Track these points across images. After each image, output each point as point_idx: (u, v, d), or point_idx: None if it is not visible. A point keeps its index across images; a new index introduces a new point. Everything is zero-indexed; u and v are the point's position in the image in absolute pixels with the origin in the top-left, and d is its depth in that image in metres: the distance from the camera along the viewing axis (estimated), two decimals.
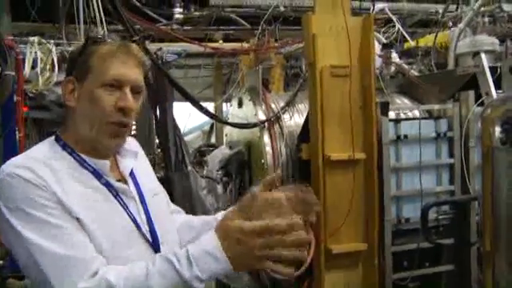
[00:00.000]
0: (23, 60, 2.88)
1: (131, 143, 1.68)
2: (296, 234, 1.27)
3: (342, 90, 3.44)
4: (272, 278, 3.87)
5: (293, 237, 1.26)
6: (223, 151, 4.07)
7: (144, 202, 1.55)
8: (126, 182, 1.55)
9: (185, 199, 3.61)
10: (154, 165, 3.79)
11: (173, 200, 3.68)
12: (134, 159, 1.62)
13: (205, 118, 5.97)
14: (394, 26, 4.90)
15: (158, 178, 3.75)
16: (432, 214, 3.44)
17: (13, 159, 1.42)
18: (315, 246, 3.53)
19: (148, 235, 1.50)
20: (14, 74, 2.66)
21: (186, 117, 5.18)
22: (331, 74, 3.42)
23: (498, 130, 2.04)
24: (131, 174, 1.58)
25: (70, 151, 1.47)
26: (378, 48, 4.22)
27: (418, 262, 3.67)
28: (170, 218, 1.72)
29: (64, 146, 1.48)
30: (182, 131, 4.98)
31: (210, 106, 5.43)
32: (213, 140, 5.88)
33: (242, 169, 4.01)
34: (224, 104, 5.56)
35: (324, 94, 3.42)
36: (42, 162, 1.40)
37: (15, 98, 2.77)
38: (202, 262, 1.27)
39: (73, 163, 1.46)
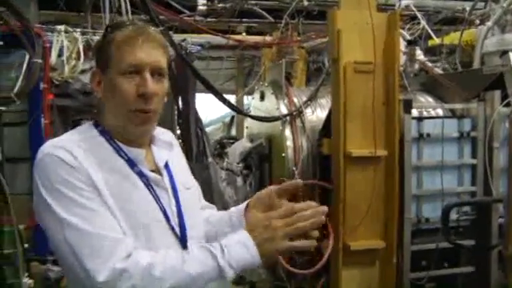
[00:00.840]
0: (50, 48, 2.90)
1: (166, 134, 1.66)
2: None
3: (366, 87, 3.42)
4: (288, 271, 3.84)
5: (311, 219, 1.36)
6: (244, 144, 4.07)
7: (176, 194, 1.53)
8: (160, 173, 1.54)
9: (204, 190, 3.60)
10: None
11: None
12: (169, 150, 1.61)
13: (226, 110, 5.98)
14: (419, 23, 4.83)
15: None
16: (452, 215, 3.40)
17: (53, 140, 1.44)
18: (333, 242, 3.51)
19: (177, 228, 1.49)
20: (41, 61, 2.69)
21: (208, 108, 5.18)
22: (355, 70, 3.41)
23: None
24: (166, 165, 1.57)
25: (108, 138, 1.47)
26: (402, 45, 4.17)
27: (437, 263, 3.64)
28: (199, 213, 1.71)
29: (102, 132, 1.48)
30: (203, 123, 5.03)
31: (231, 99, 5.43)
32: (233, 132, 5.88)
33: (263, 162, 4.01)
34: (245, 96, 5.55)
35: (347, 89, 3.41)
36: (79, 145, 1.42)
37: (41, 86, 2.81)
38: (234, 250, 1.31)
39: (108, 149, 1.46)
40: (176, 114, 3.76)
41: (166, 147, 1.61)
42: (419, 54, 4.18)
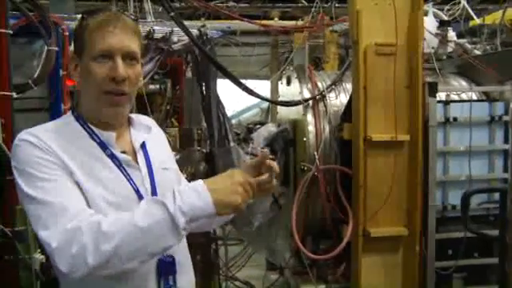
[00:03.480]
0: (70, 36, 3.03)
1: (146, 119, 1.76)
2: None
3: (387, 69, 3.32)
4: (311, 258, 3.81)
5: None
6: (269, 129, 4.07)
7: (151, 173, 1.59)
8: (134, 153, 1.60)
9: None
10: (200, 140, 3.87)
11: (216, 175, 3.76)
12: (147, 133, 1.68)
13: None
14: (460, 3, 4.61)
15: (203, 152, 3.83)
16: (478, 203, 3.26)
17: (28, 129, 1.52)
18: (353, 228, 3.46)
19: None
20: (57, 49, 2.81)
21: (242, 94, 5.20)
22: (376, 52, 3.32)
23: None
24: (143, 146, 1.64)
25: (82, 123, 1.55)
26: (434, 26, 4.01)
27: (466, 252, 3.50)
28: None
29: (77, 118, 1.56)
30: (235, 109, 5.08)
31: (266, 85, 5.44)
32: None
33: (287, 147, 4.00)
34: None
35: (368, 72, 3.33)
36: (52, 131, 1.50)
37: (61, 73, 2.94)
38: (186, 196, 1.32)
39: (82, 134, 1.53)
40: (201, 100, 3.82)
41: (145, 130, 1.69)
42: (452, 36, 3.99)
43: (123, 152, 1.57)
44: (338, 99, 3.80)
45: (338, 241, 3.58)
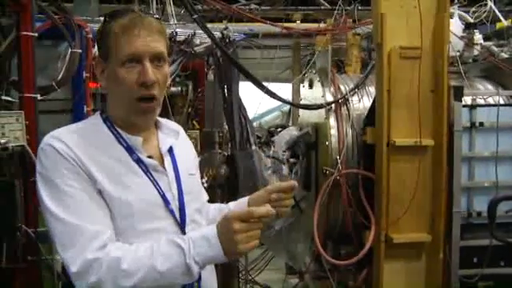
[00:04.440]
0: (93, 38, 3.05)
1: (174, 125, 1.75)
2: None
3: (412, 73, 3.27)
4: (333, 264, 3.78)
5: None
6: (291, 132, 4.04)
7: (178, 178, 1.58)
8: (161, 158, 1.58)
9: (248, 178, 3.64)
10: (221, 143, 3.85)
11: (237, 178, 3.74)
12: (175, 138, 1.66)
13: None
14: (486, 4, 4.50)
15: (224, 155, 3.82)
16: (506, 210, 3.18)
17: (54, 131, 1.50)
18: (375, 234, 3.42)
19: (176, 211, 1.53)
20: (80, 51, 2.83)
21: (263, 97, 5.17)
22: (400, 55, 3.27)
23: None
24: (170, 151, 1.62)
25: (110, 125, 1.53)
26: (460, 29, 3.93)
27: (491, 260, 3.42)
28: (200, 200, 1.75)
29: (105, 120, 1.54)
30: (256, 111, 5.05)
31: (288, 88, 5.40)
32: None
33: (309, 150, 3.96)
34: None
35: (392, 76, 3.29)
36: (79, 135, 1.48)
37: (84, 75, 2.96)
38: (198, 246, 1.35)
39: (109, 137, 1.51)
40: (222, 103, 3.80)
41: (172, 134, 1.66)
42: (478, 39, 3.91)
43: (149, 156, 1.55)
44: (361, 103, 3.75)
45: (359, 246, 3.53)
